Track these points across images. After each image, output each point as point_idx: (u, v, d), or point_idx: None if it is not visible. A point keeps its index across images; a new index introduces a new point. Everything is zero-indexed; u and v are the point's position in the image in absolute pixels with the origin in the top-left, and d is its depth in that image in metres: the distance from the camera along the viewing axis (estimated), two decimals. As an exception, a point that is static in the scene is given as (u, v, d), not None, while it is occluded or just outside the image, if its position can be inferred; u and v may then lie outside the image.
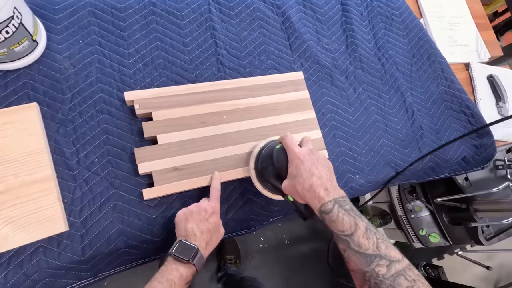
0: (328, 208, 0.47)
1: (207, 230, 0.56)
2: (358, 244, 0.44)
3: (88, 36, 0.69)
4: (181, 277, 0.51)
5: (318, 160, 0.53)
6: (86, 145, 0.64)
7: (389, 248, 0.44)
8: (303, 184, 0.50)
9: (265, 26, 0.86)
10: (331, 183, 0.50)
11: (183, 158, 0.66)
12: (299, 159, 0.52)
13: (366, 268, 0.43)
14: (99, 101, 0.67)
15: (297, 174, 0.51)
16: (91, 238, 0.60)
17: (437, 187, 1.38)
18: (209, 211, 0.58)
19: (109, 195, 0.63)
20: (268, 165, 0.62)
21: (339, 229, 0.46)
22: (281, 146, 0.59)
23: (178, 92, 0.70)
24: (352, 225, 0.45)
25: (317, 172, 0.50)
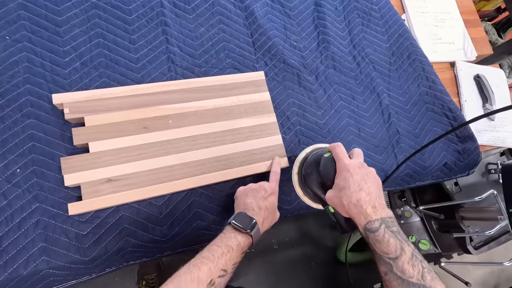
0: (374, 227, 0.45)
1: (265, 208, 0.57)
2: (402, 270, 0.42)
3: (17, 31, 0.63)
4: (239, 245, 0.51)
5: (368, 175, 0.50)
6: (7, 154, 0.57)
7: (434, 280, 0.42)
8: (350, 198, 0.48)
9: (225, 21, 0.79)
10: (379, 201, 0.48)
11: (118, 168, 0.59)
12: (349, 171, 0.50)
13: None
14: (25, 105, 0.60)
15: (344, 186, 0.49)
16: (6, 259, 0.53)
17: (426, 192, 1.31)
18: (269, 191, 0.59)
19: (32, 210, 0.56)
20: (312, 172, 0.61)
21: (383, 251, 0.44)
22: (330, 155, 0.57)
23: (117, 94, 0.63)
24: (398, 248, 0.43)
25: (366, 187, 0.48)
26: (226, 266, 0.48)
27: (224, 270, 0.48)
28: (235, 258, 0.50)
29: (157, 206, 0.62)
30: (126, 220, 0.60)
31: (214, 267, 0.47)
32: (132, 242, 0.60)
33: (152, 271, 1.41)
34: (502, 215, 0.93)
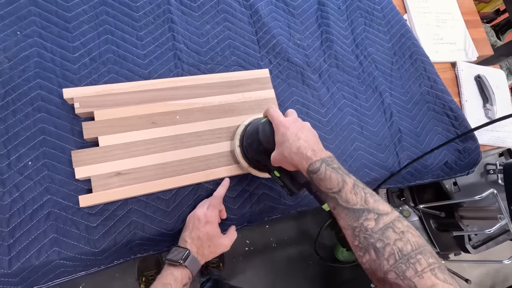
0: (316, 167, 0.47)
1: (197, 238, 0.57)
2: (346, 199, 0.44)
3: (28, 27, 0.64)
4: (176, 279, 0.52)
5: (304, 126, 0.53)
6: (19, 147, 0.58)
7: (377, 202, 0.43)
8: (291, 148, 0.50)
9: (230, 19, 0.80)
10: (318, 146, 0.50)
11: (127, 161, 0.60)
12: (285, 126, 0.53)
13: (355, 223, 0.43)
14: (36, 99, 0.61)
15: (283, 140, 0.51)
16: (19, 249, 0.54)
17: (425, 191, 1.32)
18: (203, 221, 0.58)
19: (43, 202, 0.57)
20: (253, 140, 0.61)
21: (327, 187, 0.46)
22: (266, 119, 0.58)
23: (125, 89, 0.64)
24: (340, 181, 0.45)
25: (304, 136, 0.51)
26: None
27: None
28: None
29: (165, 200, 0.64)
30: (134, 213, 0.61)
31: None
32: (140, 235, 0.61)
33: (152, 268, 1.42)
34: (501, 214, 0.95)
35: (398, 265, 0.38)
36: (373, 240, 0.40)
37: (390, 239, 0.40)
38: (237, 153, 0.65)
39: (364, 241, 0.41)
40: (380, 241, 0.40)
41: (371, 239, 0.41)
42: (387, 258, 0.39)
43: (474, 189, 1.25)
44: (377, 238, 0.40)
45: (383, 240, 0.40)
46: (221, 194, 0.62)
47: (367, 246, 0.41)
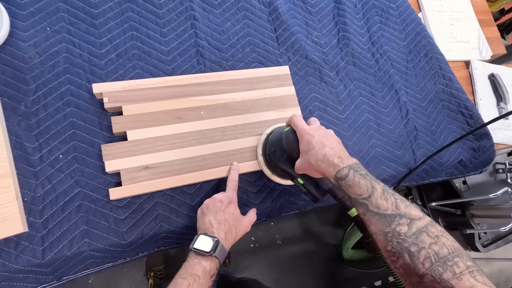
0: (344, 174, 0.47)
1: (225, 221, 0.56)
2: (377, 205, 0.44)
3: (56, 23, 0.65)
4: (205, 270, 0.50)
5: (328, 134, 0.54)
6: (50, 140, 0.59)
7: (408, 207, 0.43)
8: (317, 155, 0.50)
9: (250, 17, 0.81)
10: (343, 153, 0.51)
11: (155, 156, 0.62)
12: (309, 134, 0.53)
13: (387, 229, 0.42)
14: (66, 93, 0.62)
15: (309, 148, 0.52)
16: (52, 240, 0.56)
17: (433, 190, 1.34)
18: (225, 202, 0.58)
19: (74, 194, 0.58)
20: (276, 148, 0.62)
21: (356, 193, 0.46)
22: (290, 128, 0.59)
23: (151, 85, 0.65)
24: (369, 187, 0.45)
25: (329, 143, 0.51)
26: None
27: None
28: (204, 285, 0.49)
29: (189, 194, 0.65)
30: (160, 207, 0.63)
31: None
32: (166, 228, 0.62)
33: (160, 263, 1.42)
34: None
35: (435, 268, 0.37)
36: (407, 245, 0.40)
37: (425, 243, 0.39)
38: (260, 161, 0.66)
39: (397, 245, 0.41)
40: (415, 245, 0.40)
41: (404, 243, 0.40)
42: (422, 262, 0.38)
43: (483, 188, 1.27)
44: (411, 242, 0.40)
45: (418, 244, 0.40)
46: (235, 177, 0.63)
47: (400, 251, 0.41)
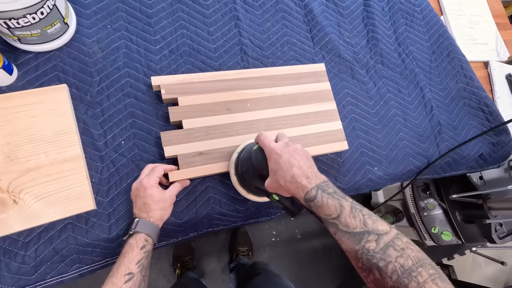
0: (312, 195, 0.47)
1: (143, 204, 0.58)
2: (346, 224, 0.44)
3: (116, 21, 0.71)
4: (131, 245, 0.54)
5: (296, 151, 0.52)
6: (113, 128, 0.65)
7: (376, 222, 0.44)
8: (285, 177, 0.49)
9: (288, 18, 0.87)
10: (311, 171, 0.50)
11: (208, 143, 0.67)
12: (277, 153, 0.52)
13: (357, 247, 0.43)
14: (126, 85, 0.68)
15: (277, 168, 0.51)
16: (117, 218, 0.61)
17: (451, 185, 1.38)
18: (141, 189, 0.59)
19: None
20: (248, 168, 0.61)
21: (326, 214, 0.46)
22: (258, 146, 0.58)
23: (203, 79, 0.71)
24: (337, 207, 0.45)
25: (296, 162, 0.50)
26: (129, 269, 0.51)
27: (128, 274, 0.51)
28: (135, 257, 0.53)
29: (237, 179, 0.70)
30: (211, 190, 0.68)
31: (116, 278, 0.50)
32: (218, 210, 0.67)
33: (187, 254, 1.48)
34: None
35: (401, 280, 0.39)
36: (375, 261, 0.41)
37: (392, 257, 0.40)
38: (234, 181, 0.65)
39: (367, 262, 0.42)
40: (382, 260, 0.41)
41: (373, 259, 0.41)
42: (390, 276, 0.40)
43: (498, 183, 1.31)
44: (379, 258, 0.41)
45: (385, 259, 0.41)
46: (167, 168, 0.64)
47: (370, 267, 0.42)
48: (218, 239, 1.56)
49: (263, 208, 0.73)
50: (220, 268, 1.50)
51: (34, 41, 0.61)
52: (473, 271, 1.92)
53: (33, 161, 0.58)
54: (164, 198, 0.60)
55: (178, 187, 0.63)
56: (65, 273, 0.58)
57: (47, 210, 0.57)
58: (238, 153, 0.67)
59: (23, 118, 0.60)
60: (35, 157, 0.58)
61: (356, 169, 0.80)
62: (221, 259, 1.51)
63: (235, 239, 1.50)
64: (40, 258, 0.56)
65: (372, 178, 0.81)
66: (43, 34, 0.61)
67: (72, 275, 0.59)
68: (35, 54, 0.64)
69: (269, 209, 0.74)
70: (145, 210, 0.58)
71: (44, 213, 0.56)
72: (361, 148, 0.82)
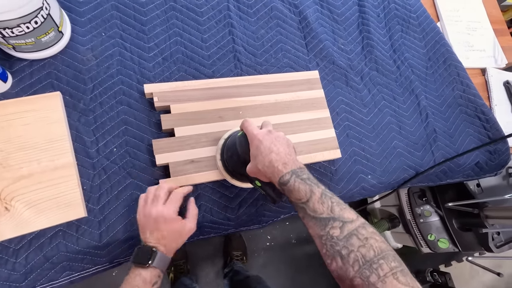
0: (286, 179, 0.48)
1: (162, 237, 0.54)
2: (314, 209, 0.45)
3: (111, 29, 0.71)
4: (145, 280, 0.51)
5: (277, 138, 0.54)
6: (106, 135, 0.65)
7: (343, 210, 0.44)
8: (264, 162, 0.51)
9: (282, 24, 0.87)
10: (289, 157, 0.51)
11: (199, 151, 0.67)
12: (258, 139, 0.53)
13: (322, 232, 0.44)
14: (119, 93, 0.68)
15: (257, 153, 0.52)
16: (108, 225, 0.61)
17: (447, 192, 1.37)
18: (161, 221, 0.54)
19: (127, 184, 0.64)
20: (232, 153, 0.62)
21: (296, 198, 0.47)
22: (242, 132, 0.59)
23: (196, 86, 0.71)
24: (308, 192, 0.46)
25: (275, 148, 0.51)
26: None
27: None
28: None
29: (228, 187, 0.70)
30: (203, 198, 0.68)
31: None
32: (209, 218, 0.68)
33: (180, 258, 1.47)
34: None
35: (362, 271, 0.38)
36: (338, 248, 0.41)
37: (354, 246, 0.40)
38: (219, 166, 0.66)
39: (330, 249, 0.42)
40: (345, 248, 0.41)
41: (336, 246, 0.41)
42: (352, 265, 0.39)
43: (496, 191, 1.30)
44: (342, 246, 0.41)
45: (348, 247, 0.40)
46: (184, 191, 0.60)
47: (333, 254, 0.42)
48: (212, 244, 1.56)
49: (255, 216, 0.73)
50: (214, 273, 1.50)
51: (28, 49, 0.62)
52: (471, 278, 1.91)
53: (26, 169, 0.59)
54: (183, 234, 0.56)
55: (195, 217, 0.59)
56: (55, 280, 0.58)
57: (38, 218, 0.57)
58: (224, 139, 0.68)
59: (16, 125, 0.61)
60: (27, 165, 0.59)
61: (349, 178, 0.80)
62: (215, 263, 1.51)
63: (229, 244, 1.51)
64: (31, 265, 0.56)
65: (365, 186, 0.80)
66: (37, 42, 0.61)
67: (62, 282, 0.59)
68: (29, 61, 0.65)
69: (260, 217, 0.74)
70: (163, 242, 0.54)
71: (35, 221, 0.57)
72: (355, 156, 0.82)
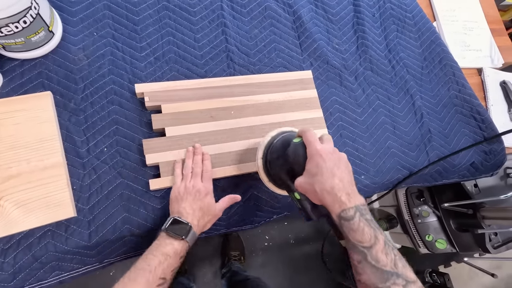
0: (349, 215, 0.45)
1: (199, 209, 0.58)
2: (376, 258, 0.42)
3: (103, 29, 0.71)
4: (176, 251, 0.52)
5: (341, 160, 0.50)
6: (96, 135, 0.65)
7: (405, 267, 0.43)
8: (324, 185, 0.47)
9: (276, 24, 0.87)
10: (352, 188, 0.47)
11: (190, 151, 0.67)
12: (321, 156, 0.49)
13: (380, 285, 0.41)
14: (110, 92, 0.68)
15: (317, 172, 0.48)
16: (97, 225, 0.61)
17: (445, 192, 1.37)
18: (203, 192, 0.59)
19: (117, 184, 0.64)
20: (279, 157, 0.58)
21: (358, 239, 0.44)
22: (300, 140, 0.55)
23: (187, 86, 0.71)
24: (372, 237, 0.43)
25: (339, 173, 0.47)
26: (165, 274, 0.49)
27: (162, 279, 0.49)
28: (173, 265, 0.51)
29: (220, 187, 0.70)
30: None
31: (152, 277, 0.47)
32: (199, 217, 0.67)
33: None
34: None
35: None
36: None
37: None
38: (259, 165, 0.63)
39: None
40: None
41: None
42: None
43: (494, 191, 1.29)
44: None
45: None
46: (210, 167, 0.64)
47: None
48: (210, 244, 1.56)
49: (247, 216, 0.73)
50: (212, 273, 1.50)
51: (18, 49, 0.62)
52: (470, 279, 1.90)
53: (15, 168, 0.58)
54: (215, 212, 0.60)
55: (227, 203, 0.63)
56: (44, 280, 0.58)
57: (27, 217, 0.57)
58: (271, 137, 0.64)
59: (6, 125, 0.60)
60: (16, 164, 0.59)
61: (342, 177, 0.79)
62: (213, 263, 1.51)
63: (227, 244, 1.51)
64: (19, 265, 0.56)
65: (359, 186, 0.80)
66: (27, 42, 0.61)
67: (51, 282, 0.59)
68: (20, 61, 0.65)
69: (252, 217, 0.74)
70: (196, 216, 0.56)
71: (24, 220, 0.57)
72: (348, 156, 0.80)
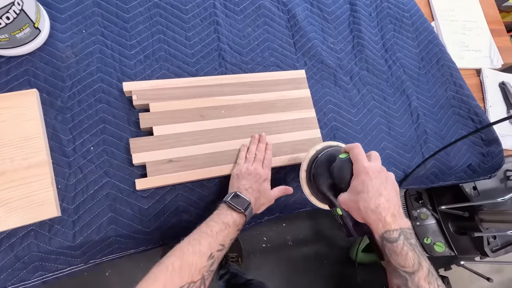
0: (393, 237, 0.44)
1: (257, 190, 0.61)
2: (418, 286, 0.41)
3: (92, 26, 0.70)
4: (235, 222, 0.54)
5: (388, 180, 0.49)
6: (83, 133, 0.64)
7: None
8: (369, 203, 0.46)
9: (270, 23, 0.86)
10: (398, 210, 0.46)
11: (179, 150, 0.66)
12: (368, 174, 0.48)
13: None
14: (98, 91, 0.67)
15: (362, 190, 0.48)
16: (82, 225, 0.60)
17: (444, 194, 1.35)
18: (263, 177, 0.63)
19: (103, 184, 0.63)
20: (323, 171, 0.58)
21: (400, 263, 0.43)
22: (347, 156, 0.54)
23: (177, 84, 0.70)
24: (416, 263, 0.42)
25: (386, 193, 0.47)
26: (224, 242, 0.51)
27: (222, 245, 0.50)
28: (232, 234, 0.53)
29: (208, 187, 0.69)
30: (181, 198, 0.67)
31: (214, 241, 0.49)
32: (187, 219, 0.66)
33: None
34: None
35: None
36: None
37: None
38: (302, 177, 0.63)
39: None
40: None
41: None
42: None
43: (493, 194, 1.27)
44: None
45: None
46: (271, 156, 0.69)
47: None
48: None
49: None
50: (208, 274, 1.48)
51: (3, 45, 0.61)
52: (470, 283, 1.88)
53: (-2, 166, 0.58)
54: (270, 197, 0.64)
55: (282, 192, 0.66)
56: (27, 280, 0.57)
57: (10, 217, 0.56)
58: (316, 150, 0.65)
59: (-9, 122, 0.60)
60: (0, 162, 0.58)
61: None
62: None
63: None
64: (1, 265, 0.55)
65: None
66: (11, 38, 0.60)
67: (35, 283, 0.58)
68: (6, 58, 0.64)
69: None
70: (254, 195, 0.60)
71: (6, 220, 0.56)
72: (341, 157, 0.80)
